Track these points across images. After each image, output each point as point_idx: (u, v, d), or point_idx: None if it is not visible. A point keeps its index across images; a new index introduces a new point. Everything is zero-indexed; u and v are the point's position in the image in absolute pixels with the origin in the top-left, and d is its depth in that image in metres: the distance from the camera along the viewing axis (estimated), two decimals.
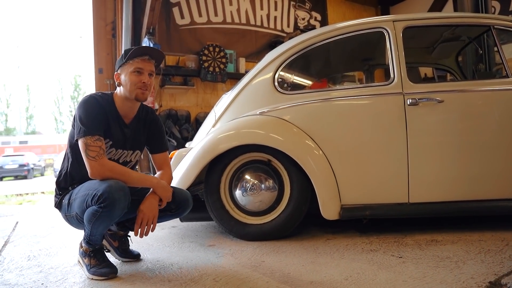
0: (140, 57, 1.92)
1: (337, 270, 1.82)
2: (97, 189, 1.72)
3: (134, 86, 1.91)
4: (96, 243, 1.87)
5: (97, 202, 1.71)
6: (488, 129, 2.41)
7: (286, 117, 2.51)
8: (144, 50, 1.95)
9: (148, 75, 1.94)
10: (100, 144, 1.81)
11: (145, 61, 1.93)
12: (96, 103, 1.89)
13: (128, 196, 1.77)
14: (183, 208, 2.03)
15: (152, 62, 1.97)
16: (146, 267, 2.00)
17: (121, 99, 1.97)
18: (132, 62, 1.91)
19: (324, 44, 2.62)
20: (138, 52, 1.92)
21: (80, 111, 1.86)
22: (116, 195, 1.71)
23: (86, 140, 1.79)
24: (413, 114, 2.39)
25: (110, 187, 1.71)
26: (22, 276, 1.92)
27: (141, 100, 1.96)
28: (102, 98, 1.94)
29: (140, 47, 1.95)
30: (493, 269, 1.71)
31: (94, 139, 1.80)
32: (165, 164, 2.14)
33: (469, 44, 3.32)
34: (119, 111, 1.97)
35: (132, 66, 1.91)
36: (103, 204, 1.70)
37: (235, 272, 1.85)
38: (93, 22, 5.48)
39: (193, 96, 5.86)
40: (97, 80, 5.43)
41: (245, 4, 6.46)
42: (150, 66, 1.95)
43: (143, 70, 1.92)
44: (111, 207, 1.71)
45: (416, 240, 2.28)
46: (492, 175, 2.39)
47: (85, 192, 1.79)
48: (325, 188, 2.38)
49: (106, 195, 1.69)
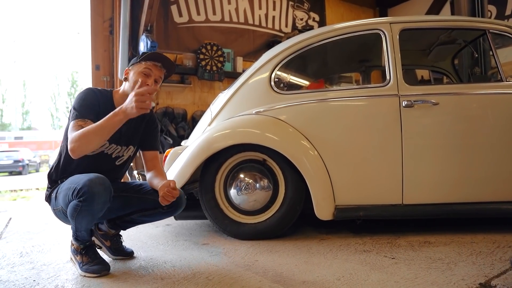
0: (153, 61, 1.95)
1: (330, 271, 1.82)
2: (78, 183, 1.72)
3: (137, 85, 1.92)
4: (84, 239, 1.87)
5: (77, 196, 1.71)
6: (482, 132, 2.43)
7: (282, 117, 2.52)
8: (159, 57, 1.98)
9: (154, 80, 1.96)
10: (80, 124, 1.79)
11: (157, 67, 1.97)
12: (93, 94, 1.93)
13: (109, 190, 1.75)
14: (175, 207, 2.00)
15: (163, 70, 2.00)
16: (139, 265, 2.00)
17: (121, 96, 1.98)
18: (144, 63, 1.95)
19: (322, 45, 2.63)
20: (153, 56, 1.96)
21: (76, 99, 1.91)
22: (96, 189, 1.70)
23: (72, 124, 1.80)
24: (408, 116, 2.40)
25: (90, 181, 1.70)
26: (14, 273, 1.91)
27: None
28: (100, 92, 1.98)
29: (156, 53, 2.00)
30: (483, 271, 1.72)
31: (78, 122, 1.80)
32: (156, 161, 2.14)
33: (465, 48, 3.34)
34: (117, 107, 1.96)
35: (143, 66, 1.95)
36: (82, 198, 1.69)
37: (228, 271, 1.85)
38: (91, 18, 5.45)
39: (190, 95, 5.85)
40: (94, 77, 5.40)
41: (244, 3, 6.46)
42: (159, 73, 1.98)
43: (151, 73, 1.95)
44: (91, 201, 1.70)
45: (409, 241, 2.30)
46: (486, 178, 2.41)
47: (68, 185, 1.79)
48: (320, 188, 2.38)
49: (85, 189, 1.69)
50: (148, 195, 2.01)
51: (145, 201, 2.01)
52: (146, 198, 2.01)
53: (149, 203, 2.00)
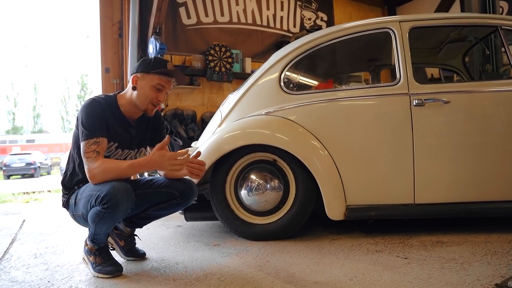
0: (168, 78, 1.95)
1: (342, 271, 1.81)
2: (101, 190, 1.73)
3: (148, 100, 1.94)
4: (101, 242, 1.88)
5: (100, 203, 1.72)
6: (495, 130, 2.40)
7: (291, 117, 2.51)
8: (174, 73, 1.97)
9: (165, 92, 1.98)
10: (94, 148, 1.81)
11: (170, 82, 1.97)
12: (98, 105, 1.89)
13: (131, 197, 1.78)
14: (188, 196, 2.03)
15: (174, 84, 2.02)
16: (151, 266, 2.01)
17: (128, 103, 1.97)
18: (158, 76, 1.93)
19: (330, 45, 2.62)
20: (167, 72, 1.94)
21: (82, 114, 1.87)
22: (119, 196, 1.71)
23: (84, 146, 1.82)
24: (419, 114, 2.38)
25: (113, 188, 1.71)
26: (29, 274, 1.94)
27: (148, 114, 2.02)
28: (105, 100, 1.94)
29: (171, 69, 1.97)
30: (499, 271, 1.70)
31: (90, 143, 1.81)
32: None
33: (476, 45, 3.30)
34: (123, 112, 1.98)
35: (157, 81, 1.93)
36: (106, 205, 1.71)
37: (240, 272, 1.86)
38: (100, 21, 5.51)
39: (199, 96, 5.88)
40: (104, 80, 5.46)
41: (252, 4, 6.47)
42: (170, 87, 2.00)
43: (164, 89, 1.96)
44: (114, 208, 1.72)
45: (421, 241, 2.27)
46: (499, 177, 2.37)
47: (90, 192, 1.80)
48: (331, 188, 2.37)
49: (109, 196, 1.70)
50: (160, 188, 2.03)
51: (159, 195, 2.03)
52: (159, 191, 2.03)
53: (163, 196, 2.02)
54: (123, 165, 1.81)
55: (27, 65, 47.02)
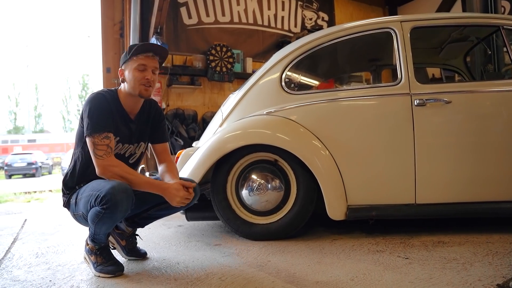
0: (144, 54, 1.92)
1: (343, 271, 1.81)
2: (101, 190, 1.73)
3: (137, 82, 1.91)
4: (101, 241, 1.88)
5: (100, 203, 1.72)
6: (496, 130, 2.39)
7: (293, 117, 2.51)
8: (148, 47, 1.95)
9: (151, 71, 1.94)
10: (107, 142, 1.82)
11: (149, 58, 1.93)
12: (104, 99, 1.90)
13: (131, 197, 1.78)
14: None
15: (156, 58, 1.97)
16: (153, 266, 2.02)
17: (125, 95, 1.98)
18: (136, 58, 1.91)
19: (332, 45, 2.62)
20: (142, 48, 1.92)
21: (88, 107, 1.87)
22: (119, 196, 1.71)
23: (94, 138, 1.81)
24: (420, 114, 2.38)
25: (113, 189, 1.71)
26: (31, 273, 1.94)
27: (144, 96, 1.96)
28: (109, 94, 1.95)
29: (143, 44, 1.96)
30: (501, 272, 1.70)
31: (102, 137, 1.81)
32: (166, 154, 2.15)
33: (477, 45, 3.29)
34: (124, 107, 1.98)
35: (136, 62, 1.91)
36: (106, 206, 1.71)
37: (241, 272, 1.86)
38: (101, 21, 5.51)
39: (200, 96, 5.88)
40: (105, 80, 5.47)
41: (253, 4, 6.46)
42: (154, 63, 1.95)
43: (146, 67, 1.92)
44: (113, 209, 1.72)
45: (422, 241, 2.27)
46: (500, 177, 2.37)
47: (90, 192, 1.80)
48: (332, 188, 2.37)
49: (108, 197, 1.69)
50: None
51: (159, 195, 2.02)
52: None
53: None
54: (142, 179, 1.88)
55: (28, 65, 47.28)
